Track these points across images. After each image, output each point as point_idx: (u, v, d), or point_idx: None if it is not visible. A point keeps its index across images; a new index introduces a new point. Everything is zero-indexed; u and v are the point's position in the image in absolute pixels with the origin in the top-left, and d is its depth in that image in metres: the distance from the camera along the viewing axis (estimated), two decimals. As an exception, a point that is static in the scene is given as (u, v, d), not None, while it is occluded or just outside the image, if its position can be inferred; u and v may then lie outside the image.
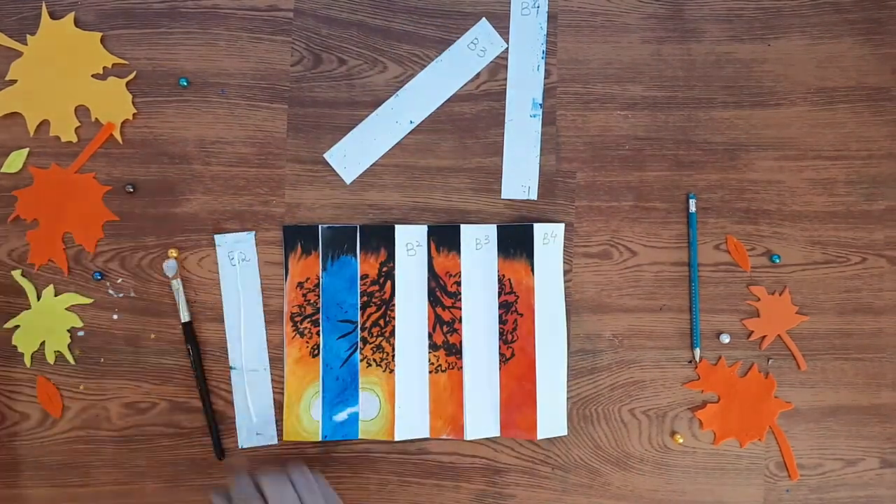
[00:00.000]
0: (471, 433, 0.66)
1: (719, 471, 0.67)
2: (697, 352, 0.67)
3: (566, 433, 0.66)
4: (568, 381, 0.67)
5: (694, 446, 0.67)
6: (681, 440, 0.67)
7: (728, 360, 0.67)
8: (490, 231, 0.67)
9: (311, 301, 0.66)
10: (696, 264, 0.67)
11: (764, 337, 0.67)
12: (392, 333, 0.66)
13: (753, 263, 0.68)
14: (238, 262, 0.66)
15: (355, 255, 0.66)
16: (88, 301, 0.65)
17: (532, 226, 0.66)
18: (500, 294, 0.67)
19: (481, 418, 0.66)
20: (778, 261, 0.68)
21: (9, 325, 0.65)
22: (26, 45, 0.66)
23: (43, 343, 0.65)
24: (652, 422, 0.67)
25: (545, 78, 0.68)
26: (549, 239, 0.67)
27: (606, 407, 0.67)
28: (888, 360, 0.68)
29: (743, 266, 0.68)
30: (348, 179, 0.65)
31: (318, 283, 0.66)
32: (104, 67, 0.66)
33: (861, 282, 0.68)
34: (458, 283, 0.66)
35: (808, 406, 0.67)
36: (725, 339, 0.67)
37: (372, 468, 0.66)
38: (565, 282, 0.67)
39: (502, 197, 0.67)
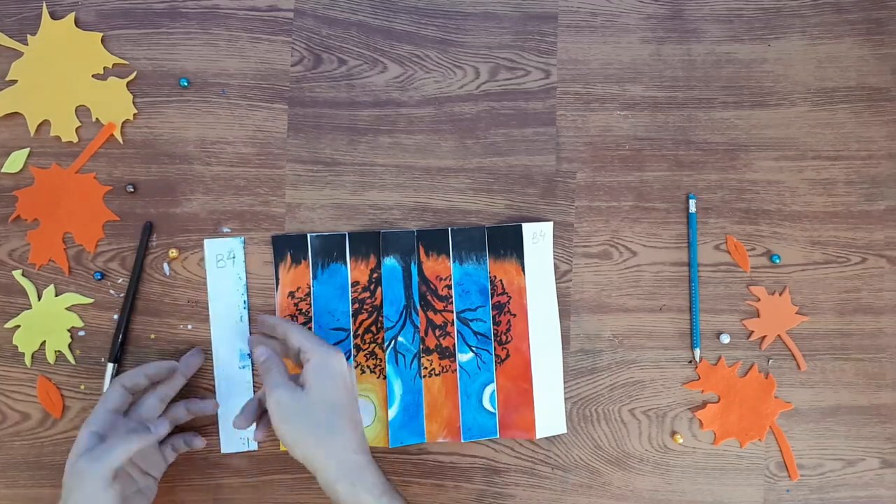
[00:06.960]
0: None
1: (719, 471, 0.67)
2: (697, 352, 0.67)
3: (565, 431, 0.66)
4: (567, 380, 0.67)
5: (694, 446, 0.67)
6: (681, 440, 0.67)
7: (728, 360, 0.67)
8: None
9: (303, 310, 0.65)
10: (695, 264, 0.67)
11: (764, 337, 0.67)
12: (385, 340, 0.65)
13: (753, 263, 0.68)
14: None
15: (345, 263, 0.66)
16: (89, 301, 0.65)
17: (521, 226, 0.66)
18: (492, 295, 0.66)
19: None
20: (778, 261, 0.68)
21: (9, 324, 0.65)
22: (27, 45, 0.66)
23: (43, 343, 0.65)
24: (652, 422, 0.67)
25: (545, 78, 0.68)
26: (538, 238, 0.66)
27: (606, 407, 0.67)
28: (888, 360, 0.68)
29: (743, 266, 0.68)
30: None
31: (309, 292, 0.65)
32: (105, 67, 0.66)
33: (861, 282, 0.68)
34: (449, 287, 0.66)
35: (808, 406, 0.67)
36: (725, 339, 0.67)
37: (372, 468, 0.66)
38: (565, 282, 0.67)
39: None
